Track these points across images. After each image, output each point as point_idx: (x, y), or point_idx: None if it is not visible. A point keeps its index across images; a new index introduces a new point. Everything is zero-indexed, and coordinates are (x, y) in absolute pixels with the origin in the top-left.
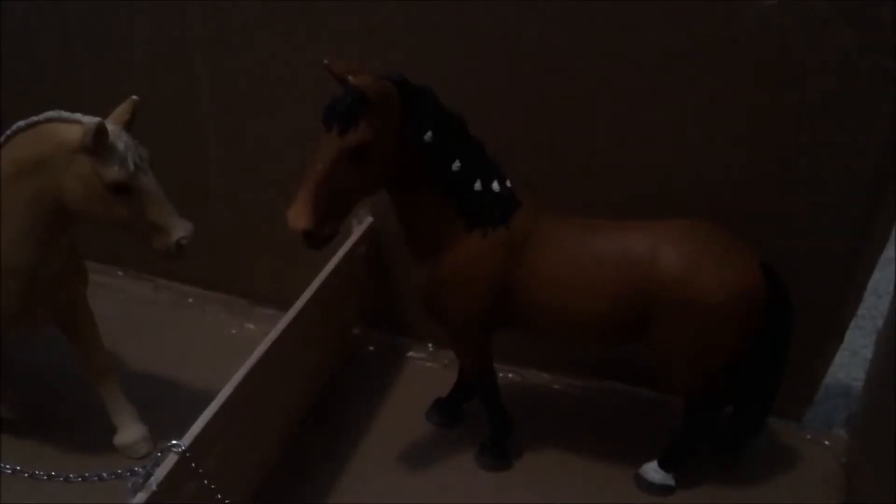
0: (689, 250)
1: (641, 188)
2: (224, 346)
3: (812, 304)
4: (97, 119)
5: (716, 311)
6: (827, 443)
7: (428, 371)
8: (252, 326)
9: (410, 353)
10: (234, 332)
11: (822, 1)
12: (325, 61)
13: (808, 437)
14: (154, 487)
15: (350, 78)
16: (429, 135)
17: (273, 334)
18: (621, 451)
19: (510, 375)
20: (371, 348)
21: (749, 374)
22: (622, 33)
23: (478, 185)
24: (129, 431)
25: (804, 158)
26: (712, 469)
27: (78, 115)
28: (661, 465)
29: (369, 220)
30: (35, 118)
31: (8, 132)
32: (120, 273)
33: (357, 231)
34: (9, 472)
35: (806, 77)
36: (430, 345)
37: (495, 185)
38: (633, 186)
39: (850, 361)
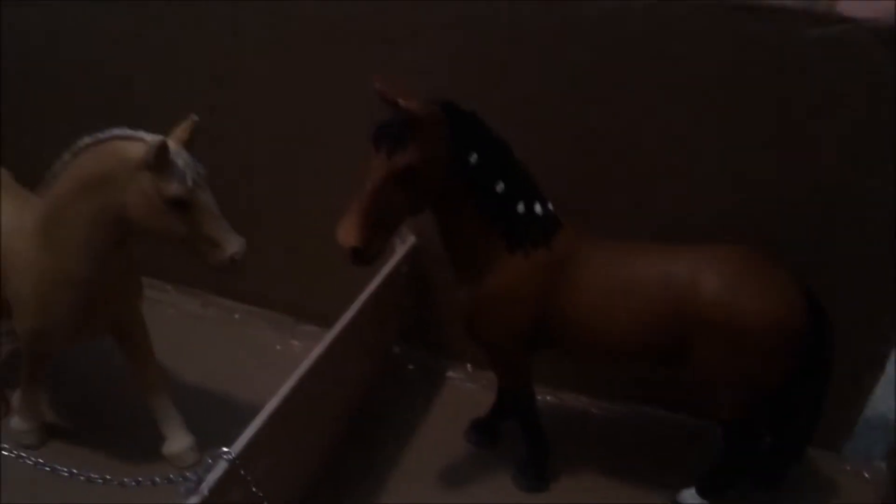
0: (731, 276)
1: (683, 215)
2: (268, 361)
3: (853, 334)
4: (160, 137)
5: (756, 337)
6: (866, 475)
7: (467, 391)
8: (296, 343)
9: (450, 374)
10: (278, 347)
11: (858, 27)
12: (376, 85)
13: (848, 468)
14: (205, 492)
15: (400, 101)
16: (474, 157)
17: (319, 348)
18: (658, 477)
19: (548, 398)
20: (411, 367)
21: (789, 403)
22: (665, 64)
23: (521, 207)
24: (178, 441)
25: (845, 186)
26: (751, 498)
27: (141, 133)
28: (699, 492)
29: (412, 239)
30: (100, 135)
31: (74, 148)
32: (170, 288)
33: (400, 250)
34: (66, 474)
35: (845, 101)
36: (469, 365)
37: (538, 208)
38: (675, 213)
39: (891, 392)
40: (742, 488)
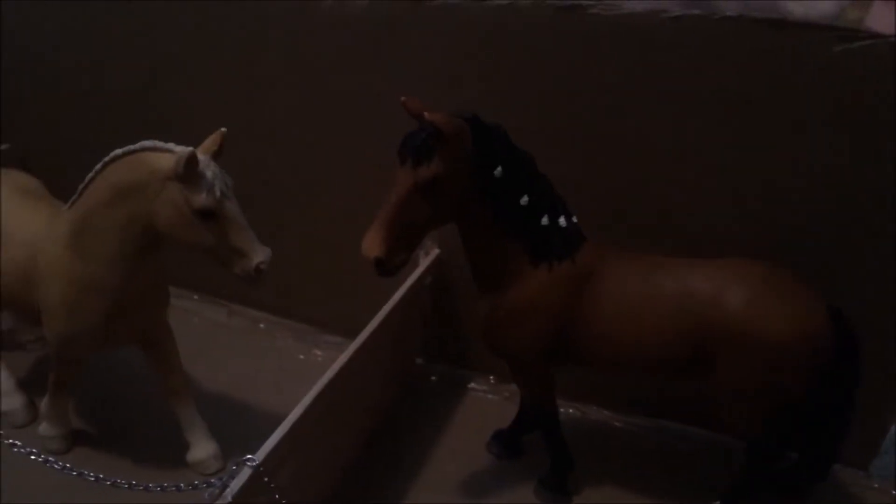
0: (754, 290)
1: (699, 228)
2: (292, 371)
3: (880, 351)
4: (189, 149)
5: (777, 351)
6: (894, 492)
7: (489, 403)
8: (319, 353)
9: (472, 385)
10: (301, 357)
11: (885, 43)
12: (402, 98)
13: (875, 486)
14: (229, 499)
15: (425, 114)
16: (498, 170)
17: (342, 359)
18: (681, 491)
19: (571, 411)
20: (433, 378)
21: (814, 420)
22: (682, 75)
23: (545, 220)
24: (202, 449)
25: (864, 200)
26: None
27: (171, 145)
28: None
29: (436, 251)
30: (131, 147)
31: (105, 159)
32: (196, 297)
33: (424, 262)
34: (92, 479)
35: (868, 116)
36: (491, 377)
37: (562, 221)
38: (690, 226)
39: None
40: (766, 503)
